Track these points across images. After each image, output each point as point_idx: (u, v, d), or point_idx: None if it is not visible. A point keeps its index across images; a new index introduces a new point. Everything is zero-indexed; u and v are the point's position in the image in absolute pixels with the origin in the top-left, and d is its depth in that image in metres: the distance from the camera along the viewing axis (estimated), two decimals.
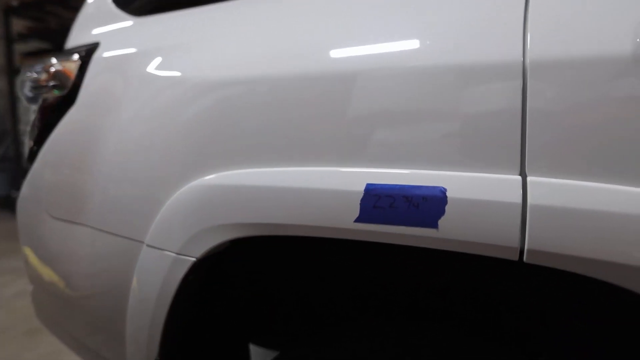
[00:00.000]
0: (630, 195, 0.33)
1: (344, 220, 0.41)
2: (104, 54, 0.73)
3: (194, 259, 0.52)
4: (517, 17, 0.39)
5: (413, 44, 0.43)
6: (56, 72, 0.77)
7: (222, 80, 0.53)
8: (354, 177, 0.42)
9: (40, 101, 0.79)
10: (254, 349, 0.82)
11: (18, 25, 8.19)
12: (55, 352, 1.91)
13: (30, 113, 0.91)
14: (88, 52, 0.76)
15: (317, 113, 0.46)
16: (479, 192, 0.36)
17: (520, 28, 0.38)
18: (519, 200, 0.35)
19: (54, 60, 0.79)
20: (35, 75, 0.80)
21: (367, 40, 0.46)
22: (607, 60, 0.34)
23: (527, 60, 0.37)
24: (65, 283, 0.75)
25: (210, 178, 0.52)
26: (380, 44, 0.45)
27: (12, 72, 8.55)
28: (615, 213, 0.32)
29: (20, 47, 8.44)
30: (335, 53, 0.47)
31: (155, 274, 0.58)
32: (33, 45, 8.34)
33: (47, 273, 0.80)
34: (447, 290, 0.55)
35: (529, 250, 0.35)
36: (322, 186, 0.43)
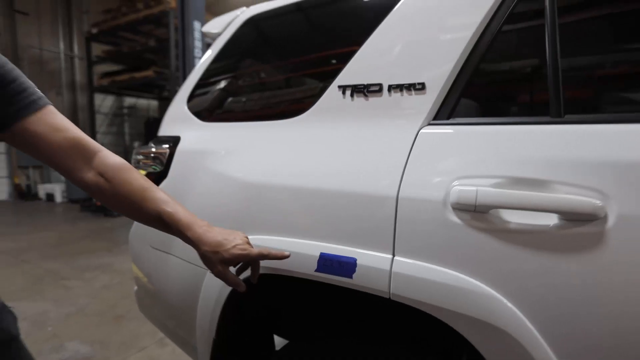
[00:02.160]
0: (441, 271, 0.67)
1: (310, 269, 0.79)
2: (183, 146, 1.17)
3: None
4: (399, 168, 0.75)
5: (345, 175, 0.80)
6: (155, 155, 1.22)
7: (254, 182, 0.93)
8: (315, 248, 0.80)
9: (145, 175, 1.25)
10: (276, 338, 1.22)
11: (96, 49, 9.38)
12: (136, 335, 2.43)
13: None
14: (174, 143, 1.20)
15: (304, 212, 0.84)
16: (371, 262, 0.73)
17: (399, 174, 0.74)
18: (388, 267, 0.71)
19: (152, 147, 1.24)
20: (141, 157, 1.26)
21: (339, 171, 0.83)
22: (434, 201, 0.69)
23: (399, 195, 0.73)
24: (159, 290, 1.20)
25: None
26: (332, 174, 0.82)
27: (92, 89, 9.78)
28: (428, 280, 0.67)
29: (98, 68, 9.63)
30: (316, 178, 0.85)
31: (214, 288, 0.98)
32: (108, 66, 9.49)
33: (147, 282, 1.25)
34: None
35: (392, 293, 0.71)
36: (301, 251, 0.81)
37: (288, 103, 1.06)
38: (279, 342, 1.21)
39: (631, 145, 0.59)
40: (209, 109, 1.21)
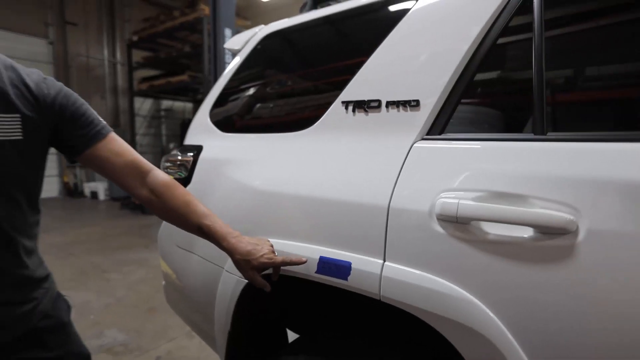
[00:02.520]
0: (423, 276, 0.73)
1: (311, 271, 0.87)
2: (205, 155, 1.28)
3: (247, 281, 1.02)
4: (388, 175, 0.81)
5: (343, 187, 0.87)
6: (180, 162, 1.34)
7: (265, 190, 1.02)
8: (316, 252, 0.87)
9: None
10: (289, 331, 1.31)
11: (136, 56, 9.90)
12: (166, 326, 2.61)
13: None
14: (197, 151, 1.31)
15: (307, 218, 0.92)
16: (364, 266, 0.79)
17: (392, 185, 0.80)
18: (378, 272, 0.77)
19: (178, 156, 1.36)
20: (168, 164, 1.38)
21: (344, 182, 0.90)
22: (422, 212, 0.75)
23: (392, 205, 0.79)
24: (183, 285, 1.32)
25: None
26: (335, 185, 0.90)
27: (132, 93, 10.33)
28: (414, 284, 0.73)
29: (137, 74, 10.15)
30: (323, 189, 0.93)
31: (229, 285, 1.08)
32: (147, 71, 9.99)
33: (173, 278, 1.38)
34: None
35: (382, 295, 0.77)
36: (304, 254, 0.89)
37: (297, 116, 1.14)
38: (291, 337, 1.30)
39: (603, 163, 0.63)
40: (228, 121, 1.32)
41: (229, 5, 4.83)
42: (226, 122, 1.32)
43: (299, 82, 1.24)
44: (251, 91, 1.34)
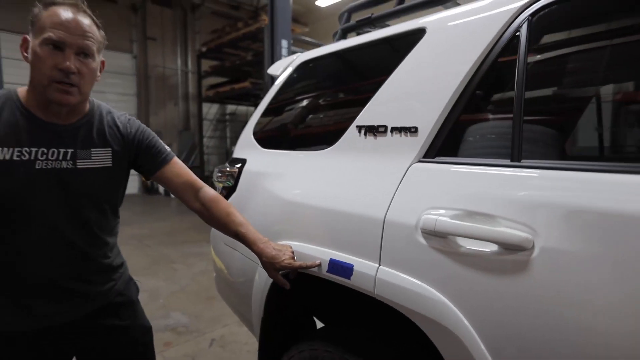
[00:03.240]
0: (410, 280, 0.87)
1: (324, 270, 1.04)
2: (248, 167, 1.51)
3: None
4: (387, 191, 0.95)
5: (353, 201, 1.03)
6: (228, 173, 1.58)
7: (290, 201, 1.21)
8: (327, 254, 1.04)
9: (221, 188, 1.62)
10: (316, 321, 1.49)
11: (205, 65, 10.72)
12: (222, 314, 2.92)
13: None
14: (242, 164, 1.54)
15: (322, 226, 1.09)
16: (363, 268, 0.95)
17: (389, 201, 0.95)
18: (374, 274, 0.92)
19: (227, 167, 1.60)
20: (219, 174, 1.63)
21: (356, 196, 1.07)
22: (410, 225, 0.88)
23: (388, 218, 0.93)
24: (229, 277, 1.56)
25: (281, 242, 1.21)
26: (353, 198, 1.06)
27: (200, 99, 11.21)
28: (400, 285, 0.87)
29: (205, 81, 10.98)
30: (338, 201, 1.10)
31: (262, 279, 1.29)
32: (214, 79, 10.77)
33: (222, 270, 1.63)
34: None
35: (376, 294, 0.92)
36: (318, 256, 1.07)
37: (321, 136, 1.32)
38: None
39: (559, 190, 0.72)
40: (266, 138, 1.53)
41: (285, 18, 5.14)
42: (265, 139, 1.54)
43: (323, 106, 1.42)
44: (284, 112, 1.55)
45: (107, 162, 1.00)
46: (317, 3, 11.03)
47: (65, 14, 0.88)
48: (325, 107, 1.42)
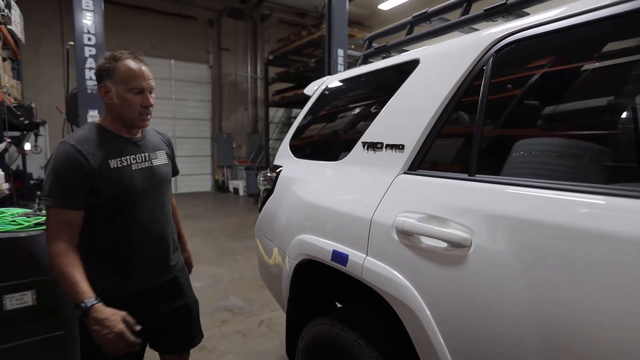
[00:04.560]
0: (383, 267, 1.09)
1: (328, 259, 1.30)
2: (283, 173, 1.81)
3: (296, 262, 1.50)
4: (377, 197, 1.18)
5: (354, 203, 1.27)
6: (268, 178, 1.90)
7: (308, 202, 1.49)
8: (329, 245, 1.30)
9: (263, 190, 1.95)
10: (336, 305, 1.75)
11: (271, 71, 11.42)
12: (271, 301, 3.26)
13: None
14: (279, 170, 1.85)
15: (328, 223, 1.35)
16: (355, 258, 1.19)
17: (376, 204, 1.17)
18: (362, 262, 1.16)
19: (268, 173, 1.93)
20: (262, 178, 1.96)
21: (355, 200, 1.32)
22: (388, 225, 1.11)
23: (374, 218, 1.16)
24: (268, 264, 1.88)
25: (300, 236, 1.48)
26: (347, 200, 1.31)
27: (267, 104, 11.94)
28: (377, 271, 1.10)
29: (272, 87, 11.68)
30: (341, 203, 1.35)
31: (288, 265, 1.58)
32: (280, 85, 11.42)
33: (263, 258, 1.96)
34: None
35: (363, 278, 1.15)
36: (325, 247, 1.33)
37: (336, 150, 1.57)
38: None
39: (497, 200, 0.90)
40: (297, 149, 1.83)
41: (342, 28, 5.42)
42: (296, 150, 1.83)
43: (341, 123, 1.67)
44: (312, 127, 1.82)
45: (165, 159, 1.44)
46: (380, 6, 11.16)
47: (136, 67, 1.24)
48: (341, 124, 1.67)
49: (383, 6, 11.00)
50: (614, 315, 0.68)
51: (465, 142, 1.11)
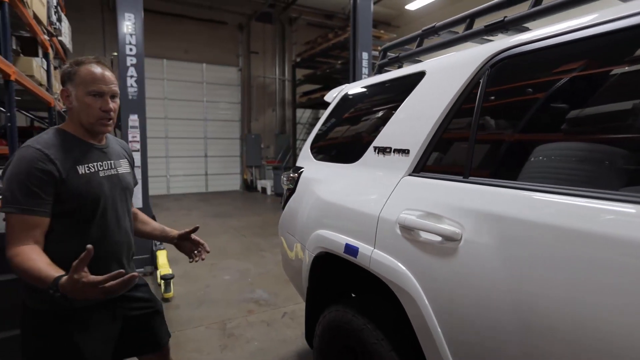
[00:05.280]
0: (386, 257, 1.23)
1: (340, 251, 1.45)
2: (304, 174, 1.98)
3: (314, 254, 1.66)
4: (384, 196, 1.32)
5: (365, 200, 1.42)
6: (290, 178, 2.07)
7: (326, 200, 1.64)
8: (343, 239, 1.45)
9: (286, 189, 2.12)
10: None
11: (298, 74, 11.65)
12: (295, 294, 3.44)
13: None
14: (301, 171, 2.02)
15: (342, 219, 1.51)
16: (364, 250, 1.33)
17: (384, 203, 1.31)
18: (370, 254, 1.30)
19: (291, 173, 2.10)
20: (285, 178, 2.13)
21: (364, 202, 1.46)
22: (392, 221, 1.24)
23: (381, 215, 1.30)
24: (290, 258, 2.05)
25: (318, 231, 1.64)
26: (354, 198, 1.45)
27: (294, 105, 12.19)
28: (382, 262, 1.24)
29: (299, 89, 11.90)
30: (356, 201, 1.50)
31: (307, 258, 1.74)
32: (307, 87, 11.64)
33: (286, 252, 2.13)
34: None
35: (370, 268, 1.30)
36: (339, 241, 1.48)
37: (351, 153, 1.72)
38: None
39: (485, 199, 1.02)
40: (316, 152, 1.99)
41: (366, 31, 5.53)
42: (315, 152, 1.99)
43: (356, 128, 1.81)
44: (331, 131, 1.98)
45: (128, 167, 1.42)
46: (407, 7, 11.15)
47: (97, 70, 1.19)
48: (356, 130, 1.82)
49: (410, 6, 10.97)
50: (570, 296, 0.79)
51: (461, 146, 1.23)
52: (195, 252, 1.52)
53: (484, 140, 1.17)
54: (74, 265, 0.95)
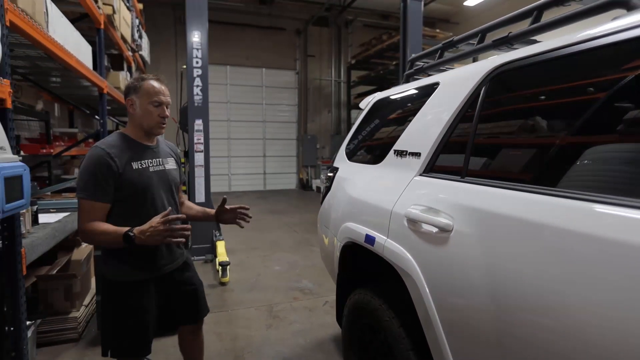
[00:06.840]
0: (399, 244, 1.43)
1: (361, 240, 1.67)
2: (339, 174, 2.21)
3: (342, 244, 1.89)
4: (398, 193, 1.51)
5: (382, 197, 1.62)
6: (328, 177, 2.32)
7: (353, 197, 1.87)
8: (364, 230, 1.66)
9: (324, 187, 2.38)
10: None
11: (353, 75, 11.84)
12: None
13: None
14: (336, 171, 2.26)
15: (364, 213, 1.72)
16: (379, 239, 1.54)
17: (396, 199, 1.51)
18: (383, 243, 1.51)
19: (328, 173, 2.34)
20: (324, 177, 2.38)
21: (381, 198, 1.67)
22: (402, 214, 1.44)
23: (394, 209, 1.50)
24: (326, 248, 2.30)
25: (346, 223, 1.87)
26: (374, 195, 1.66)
27: (349, 106, 12.40)
28: (392, 250, 1.44)
29: (354, 90, 12.08)
30: (375, 197, 1.71)
31: (337, 247, 1.97)
32: (362, 88, 11.78)
33: (322, 241, 2.38)
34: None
35: (384, 255, 1.50)
36: (361, 232, 1.70)
37: (377, 155, 1.92)
38: None
39: (476, 196, 1.18)
40: (349, 154, 2.21)
41: (416, 34, 5.59)
42: (349, 154, 2.22)
43: (382, 133, 2.00)
44: (362, 135, 2.19)
45: (174, 165, 1.69)
46: (465, 3, 10.83)
47: (157, 85, 1.50)
48: (382, 134, 2.01)
49: (469, 2, 10.65)
50: (534, 276, 0.94)
51: (462, 149, 1.39)
52: (238, 218, 1.81)
53: (483, 143, 1.32)
54: (153, 219, 1.38)
